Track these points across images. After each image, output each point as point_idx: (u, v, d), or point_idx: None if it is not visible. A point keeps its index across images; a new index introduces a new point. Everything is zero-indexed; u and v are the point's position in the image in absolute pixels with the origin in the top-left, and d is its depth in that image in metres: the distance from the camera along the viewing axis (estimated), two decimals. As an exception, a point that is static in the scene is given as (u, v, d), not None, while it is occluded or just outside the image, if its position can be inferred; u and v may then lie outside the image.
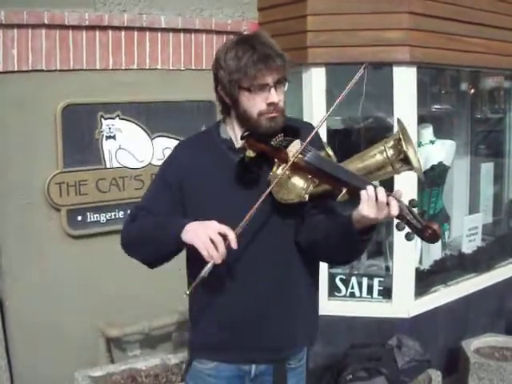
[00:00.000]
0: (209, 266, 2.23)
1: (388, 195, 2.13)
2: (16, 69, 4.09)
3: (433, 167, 5.23)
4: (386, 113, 4.97)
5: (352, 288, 4.84)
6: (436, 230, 2.10)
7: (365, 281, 4.85)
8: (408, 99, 4.56)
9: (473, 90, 6.24)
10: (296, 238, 2.49)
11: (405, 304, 4.68)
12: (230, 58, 2.38)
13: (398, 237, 4.64)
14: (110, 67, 4.42)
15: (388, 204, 2.12)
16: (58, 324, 4.31)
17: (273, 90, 2.37)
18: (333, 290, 4.84)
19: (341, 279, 4.85)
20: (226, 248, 2.23)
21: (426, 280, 5.06)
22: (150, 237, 2.48)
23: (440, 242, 5.49)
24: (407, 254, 4.66)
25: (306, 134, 2.43)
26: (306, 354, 2.72)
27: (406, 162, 2.24)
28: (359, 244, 2.29)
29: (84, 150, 4.34)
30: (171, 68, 4.65)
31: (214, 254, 2.22)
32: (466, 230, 5.59)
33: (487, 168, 6.12)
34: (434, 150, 5.28)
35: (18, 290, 4.21)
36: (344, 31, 4.50)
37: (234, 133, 2.54)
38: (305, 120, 2.80)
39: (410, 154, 2.23)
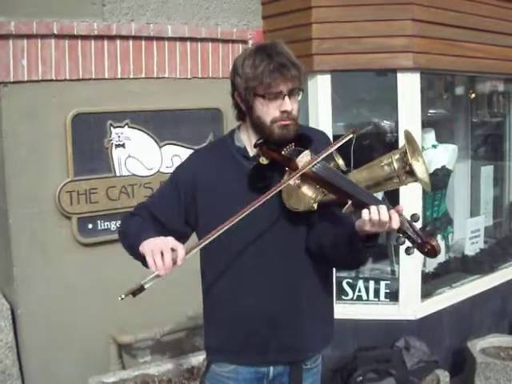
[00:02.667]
0: (152, 275, 2.17)
1: (389, 209, 2.16)
2: (26, 79, 4.12)
3: (436, 171, 5.29)
4: (390, 118, 5.04)
5: (359, 291, 4.89)
6: (435, 246, 2.14)
7: (371, 284, 4.90)
8: (412, 104, 4.62)
9: (473, 95, 6.31)
10: (306, 243, 2.53)
11: (411, 306, 4.74)
12: (248, 65, 2.43)
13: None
14: (119, 76, 4.46)
15: (390, 218, 2.15)
16: (69, 331, 4.33)
17: (286, 98, 2.41)
18: (340, 293, 4.88)
19: (348, 283, 4.90)
20: (172, 261, 2.19)
21: (431, 282, 5.14)
22: (127, 237, 2.55)
23: (444, 244, 5.57)
24: (413, 258, 4.70)
25: (318, 142, 2.53)
26: (321, 355, 2.75)
27: (411, 174, 2.27)
28: (363, 251, 2.32)
29: (94, 158, 4.38)
30: (178, 76, 4.70)
31: (158, 263, 2.18)
32: (469, 232, 5.65)
33: (487, 171, 6.18)
34: (436, 154, 5.35)
35: (29, 297, 4.23)
36: (349, 38, 4.56)
37: (248, 140, 2.59)
38: (318, 129, 2.85)
39: (416, 166, 2.27)
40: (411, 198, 4.64)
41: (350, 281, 4.91)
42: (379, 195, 5.16)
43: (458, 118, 6.29)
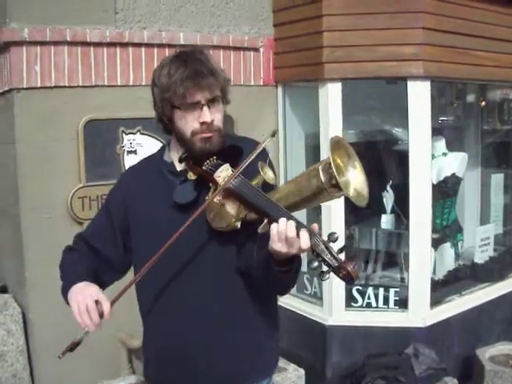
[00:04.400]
0: (83, 332, 2.20)
1: (299, 228, 2.01)
2: (39, 85, 4.16)
3: (446, 179, 5.30)
4: (400, 126, 5.05)
5: (368, 298, 4.88)
6: (350, 271, 1.96)
7: (381, 291, 4.89)
8: (422, 113, 4.63)
9: (483, 103, 6.32)
10: (236, 264, 2.36)
11: (421, 313, 4.74)
12: (163, 75, 2.28)
13: (413, 248, 4.72)
14: (131, 83, 4.50)
15: (299, 237, 2.00)
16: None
17: (205, 108, 2.25)
18: (350, 300, 4.89)
19: (357, 290, 4.90)
20: (99, 317, 2.18)
21: (440, 290, 5.13)
22: (62, 281, 2.46)
23: (453, 252, 5.57)
24: (422, 265, 4.73)
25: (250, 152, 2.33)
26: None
27: (337, 187, 2.04)
28: (280, 276, 2.16)
29: (106, 164, 4.41)
30: (190, 83, 4.71)
31: (87, 322, 2.17)
32: (479, 240, 5.64)
33: (497, 179, 6.17)
34: (446, 162, 5.35)
35: (40, 302, 4.26)
36: (359, 47, 4.58)
37: (177, 154, 2.42)
38: (250, 138, 2.58)
39: (343, 178, 2.07)
40: (421, 206, 4.67)
41: (360, 288, 4.91)
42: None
43: (469, 126, 6.29)
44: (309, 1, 4.74)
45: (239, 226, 2.23)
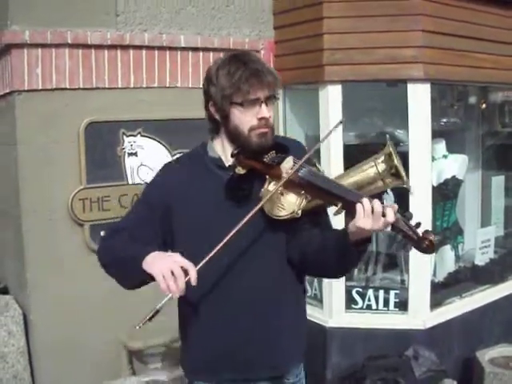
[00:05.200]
0: (165, 299, 2.13)
1: (383, 206, 2.17)
2: (40, 87, 4.19)
3: (446, 181, 5.30)
4: (401, 128, 5.05)
5: (369, 300, 4.88)
6: (432, 240, 2.15)
7: (381, 293, 4.89)
8: (422, 115, 4.63)
9: (483, 105, 6.32)
10: (288, 253, 2.50)
11: (421, 315, 4.73)
12: (223, 74, 2.39)
13: (414, 250, 4.71)
14: (132, 85, 4.53)
15: (384, 214, 2.15)
16: (80, 337, 4.36)
17: (263, 105, 2.39)
18: (350, 302, 4.89)
19: (357, 292, 4.90)
20: (186, 283, 2.15)
21: (440, 292, 5.12)
22: (119, 261, 2.41)
23: (453, 254, 5.57)
24: (422, 267, 4.72)
25: (295, 150, 2.47)
26: (304, 370, 2.71)
27: (396, 176, 2.29)
28: (354, 255, 2.32)
29: (106, 166, 4.44)
30: (191, 86, 4.73)
31: (172, 288, 2.14)
32: (479, 242, 5.63)
33: (498, 181, 6.16)
34: (447, 165, 5.35)
35: (41, 303, 4.28)
36: (359, 49, 4.59)
37: (223, 151, 2.53)
38: (292, 138, 2.83)
39: (400, 168, 2.29)
40: (421, 208, 4.66)
41: (360, 290, 4.91)
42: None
43: (469, 128, 6.27)
44: (309, 3, 4.75)
45: (300, 213, 2.34)
